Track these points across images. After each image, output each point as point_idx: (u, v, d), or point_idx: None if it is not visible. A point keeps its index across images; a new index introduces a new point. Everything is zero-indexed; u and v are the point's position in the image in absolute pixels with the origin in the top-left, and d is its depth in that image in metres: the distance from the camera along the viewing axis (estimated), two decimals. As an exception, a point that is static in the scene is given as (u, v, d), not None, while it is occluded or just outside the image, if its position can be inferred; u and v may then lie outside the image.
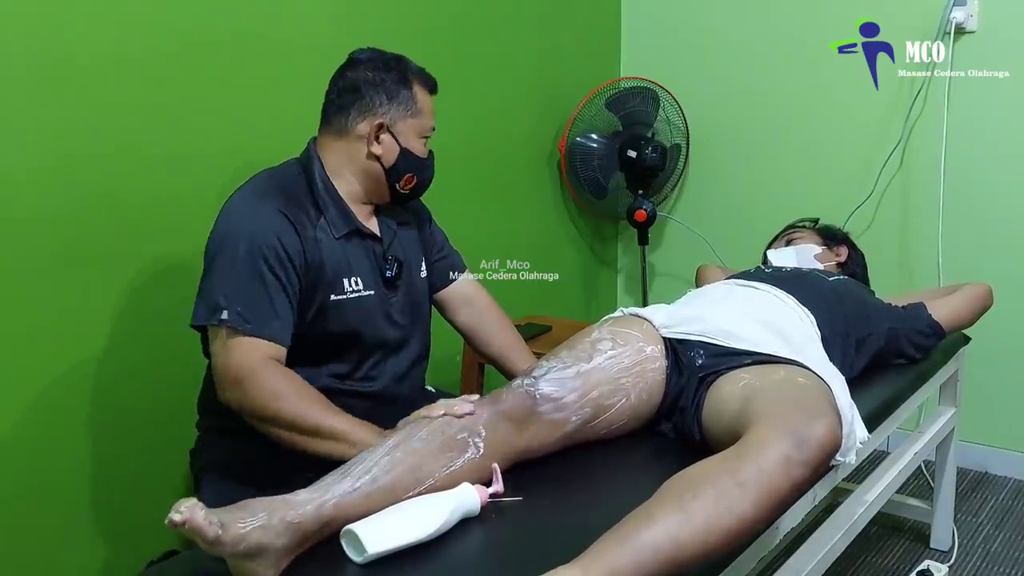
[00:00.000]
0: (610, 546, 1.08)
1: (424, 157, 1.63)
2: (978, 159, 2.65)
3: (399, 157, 1.59)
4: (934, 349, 1.97)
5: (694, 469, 1.20)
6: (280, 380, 1.43)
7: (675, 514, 1.11)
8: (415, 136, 1.60)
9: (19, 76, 1.62)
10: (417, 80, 1.60)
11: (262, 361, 1.43)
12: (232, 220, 1.52)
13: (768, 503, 1.15)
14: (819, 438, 1.19)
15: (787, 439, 1.19)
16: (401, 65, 1.60)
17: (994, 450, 2.76)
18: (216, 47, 1.93)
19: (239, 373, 1.42)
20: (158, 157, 1.84)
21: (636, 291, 3.22)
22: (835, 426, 1.24)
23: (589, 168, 2.93)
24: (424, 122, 1.61)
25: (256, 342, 1.43)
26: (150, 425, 1.87)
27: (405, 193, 1.64)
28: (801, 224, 2.32)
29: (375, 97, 1.57)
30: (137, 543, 1.83)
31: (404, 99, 1.58)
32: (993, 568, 2.25)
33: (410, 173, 1.61)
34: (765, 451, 1.18)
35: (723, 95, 3.06)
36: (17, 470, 1.68)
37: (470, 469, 1.32)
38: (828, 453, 1.21)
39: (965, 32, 2.59)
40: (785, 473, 1.16)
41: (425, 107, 1.61)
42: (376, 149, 1.58)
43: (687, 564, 1.10)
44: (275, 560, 1.12)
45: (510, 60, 2.75)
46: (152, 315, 1.86)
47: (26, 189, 1.64)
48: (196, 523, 1.04)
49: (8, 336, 1.64)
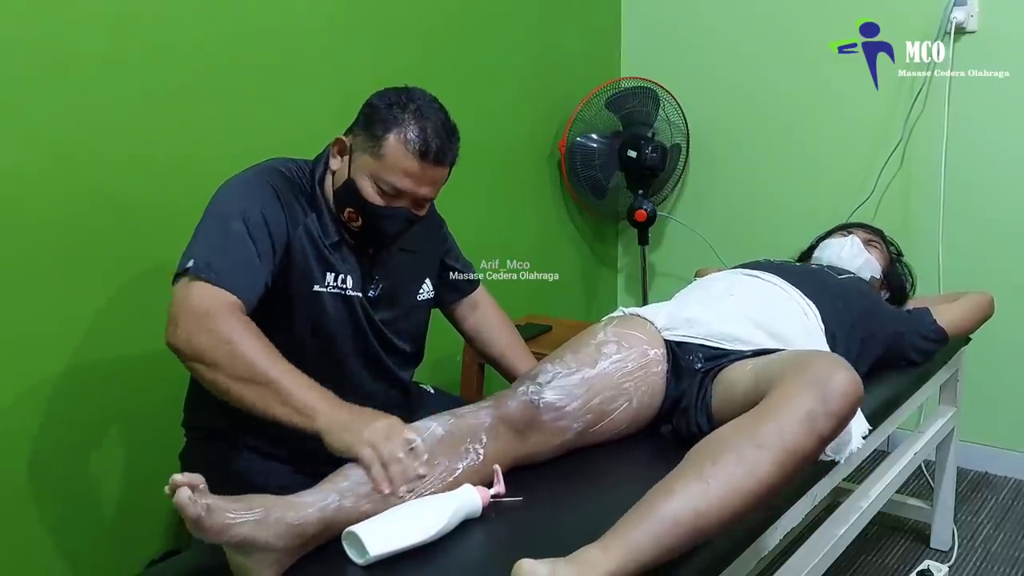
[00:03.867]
0: (630, 522, 1.08)
1: (373, 203, 1.48)
2: (978, 159, 2.65)
3: (343, 185, 1.51)
4: (935, 354, 1.97)
5: (714, 435, 1.18)
6: (238, 326, 1.34)
7: (694, 482, 1.10)
8: (367, 176, 1.48)
9: (19, 77, 1.62)
10: (399, 134, 1.45)
11: (223, 305, 1.35)
12: (224, 189, 1.50)
13: (792, 462, 1.13)
14: (842, 386, 1.17)
15: (808, 392, 1.16)
16: (399, 112, 1.47)
17: (994, 450, 2.76)
18: (216, 48, 1.93)
19: (196, 311, 1.34)
20: (158, 158, 1.84)
21: (636, 291, 3.22)
22: (855, 374, 1.21)
23: (589, 168, 2.93)
24: (381, 172, 1.47)
25: (219, 291, 1.37)
26: (150, 425, 1.86)
27: (354, 229, 1.52)
28: (876, 233, 2.24)
29: (359, 119, 1.52)
30: (137, 543, 1.83)
31: (373, 136, 1.47)
32: (993, 568, 2.25)
33: (352, 208, 1.50)
34: (785, 409, 1.16)
35: (723, 95, 3.06)
36: (16, 470, 1.68)
37: (470, 474, 1.32)
38: (852, 402, 1.18)
39: (965, 32, 2.59)
40: (809, 429, 1.14)
41: (391, 161, 1.46)
42: (333, 163, 1.53)
43: (709, 531, 1.10)
44: (274, 560, 1.12)
45: (510, 60, 2.75)
46: (152, 315, 1.86)
47: (26, 190, 1.64)
48: (179, 499, 1.04)
49: (8, 336, 1.64)
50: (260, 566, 1.11)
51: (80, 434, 1.77)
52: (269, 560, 1.11)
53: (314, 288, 1.51)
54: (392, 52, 2.34)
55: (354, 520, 1.18)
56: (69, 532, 1.77)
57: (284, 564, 1.14)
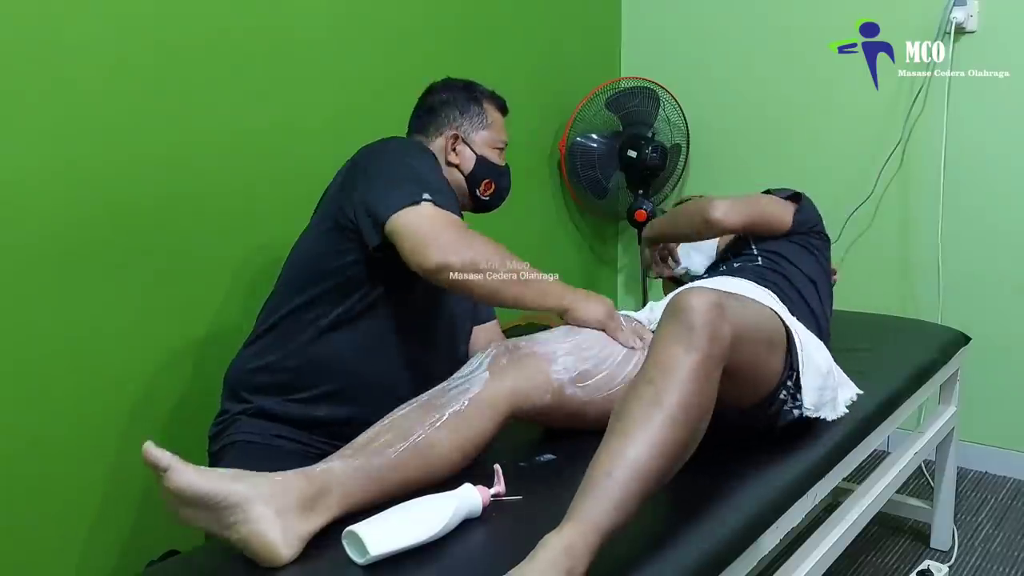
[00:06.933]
0: (575, 499, 1.11)
1: (501, 165, 1.80)
2: (978, 159, 2.65)
3: (476, 164, 1.76)
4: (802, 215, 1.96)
5: (618, 399, 1.23)
6: (488, 239, 1.53)
7: (611, 438, 1.14)
8: (489, 147, 1.78)
9: (19, 77, 1.62)
10: (487, 99, 1.80)
11: (463, 225, 1.52)
12: (405, 142, 1.69)
13: (685, 385, 1.16)
14: (694, 302, 1.21)
15: (669, 323, 1.22)
16: (471, 86, 1.80)
17: (994, 450, 2.76)
18: (218, 49, 1.93)
19: (460, 230, 1.49)
20: (158, 158, 1.84)
21: (636, 291, 3.22)
22: (705, 291, 1.25)
23: (589, 168, 2.94)
24: (496, 135, 1.79)
25: (453, 216, 1.52)
26: (150, 425, 1.87)
27: (486, 199, 1.79)
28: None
29: (449, 113, 1.75)
30: (137, 543, 1.83)
31: (475, 113, 1.77)
32: (993, 568, 2.25)
33: (488, 179, 1.78)
34: (657, 344, 1.22)
35: (723, 95, 3.06)
36: (17, 470, 1.68)
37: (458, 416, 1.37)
38: (704, 311, 1.21)
39: (965, 32, 2.59)
40: (683, 350, 1.18)
41: (496, 122, 1.80)
42: (453, 158, 1.74)
43: (652, 469, 1.12)
44: (271, 516, 1.14)
45: (510, 60, 2.75)
46: (152, 315, 1.86)
47: (26, 190, 1.64)
48: (149, 451, 1.13)
49: (9, 336, 1.64)
50: (259, 523, 1.13)
51: (80, 434, 1.77)
52: (266, 515, 1.14)
53: None
54: (393, 52, 2.34)
55: (343, 481, 1.22)
56: (69, 532, 1.77)
57: (294, 528, 1.16)
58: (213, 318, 1.96)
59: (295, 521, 1.16)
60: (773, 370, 1.43)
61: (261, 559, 1.14)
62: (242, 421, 1.63)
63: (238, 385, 1.65)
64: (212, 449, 1.66)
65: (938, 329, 2.34)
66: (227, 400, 1.67)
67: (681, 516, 1.25)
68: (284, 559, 1.14)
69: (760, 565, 1.44)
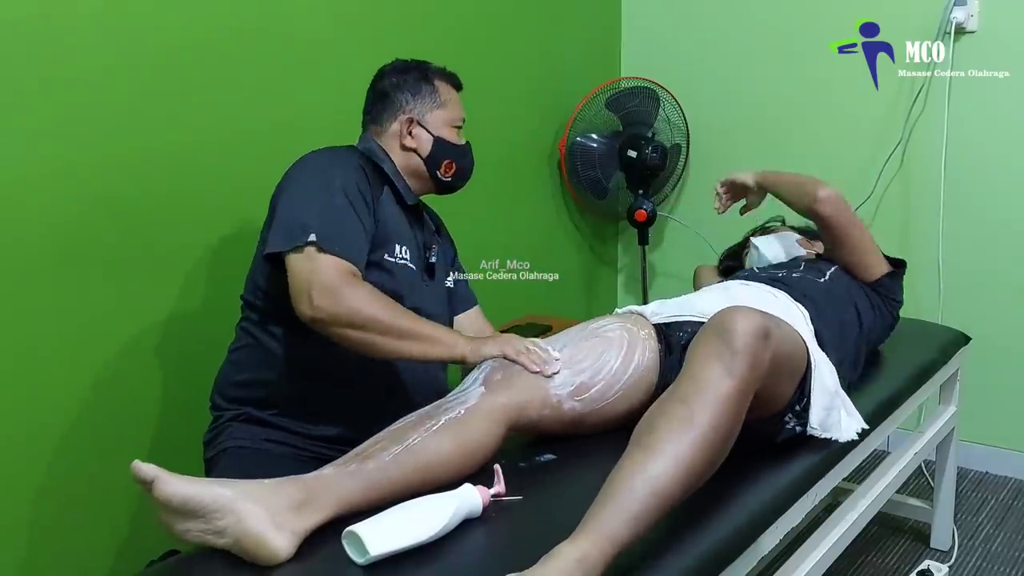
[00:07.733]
0: (592, 510, 1.10)
1: (460, 144, 1.74)
2: (978, 159, 2.65)
3: (434, 146, 1.70)
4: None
5: (648, 410, 1.22)
6: (369, 290, 1.50)
7: (637, 452, 1.14)
8: (446, 126, 1.72)
9: (18, 77, 1.62)
10: (438, 77, 1.74)
11: (350, 275, 1.49)
12: (311, 161, 1.62)
13: (718, 407, 1.16)
14: (739, 324, 1.21)
15: (713, 341, 1.21)
16: (422, 66, 1.74)
17: (994, 450, 2.76)
18: (217, 47, 1.93)
19: (333, 283, 1.46)
20: (158, 158, 1.84)
21: (636, 291, 3.22)
22: (754, 314, 1.24)
23: (589, 168, 2.93)
24: (451, 113, 1.73)
25: (340, 260, 1.49)
26: (150, 424, 1.87)
27: (448, 180, 1.74)
28: (772, 221, 2.34)
29: (401, 97, 1.70)
30: (137, 543, 1.83)
31: (427, 93, 1.71)
32: (993, 568, 2.25)
33: (448, 159, 1.72)
34: (697, 362, 1.21)
35: (723, 95, 3.06)
36: (17, 470, 1.68)
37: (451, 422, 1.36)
38: (753, 335, 1.21)
39: (965, 32, 2.59)
40: (721, 372, 1.18)
41: (450, 99, 1.74)
42: (409, 142, 1.70)
43: (669, 490, 1.11)
44: (265, 517, 1.13)
45: (510, 60, 2.75)
46: (152, 315, 1.86)
47: (25, 190, 1.64)
48: (137, 468, 1.12)
49: (6, 334, 1.64)
50: (250, 520, 1.12)
51: (79, 433, 1.77)
52: (256, 512, 1.13)
53: (385, 257, 1.63)
54: (393, 52, 2.32)
55: (338, 487, 1.22)
56: (69, 532, 1.77)
57: (288, 524, 1.15)
58: (213, 318, 1.95)
59: (288, 518, 1.16)
60: (785, 394, 1.44)
61: (258, 557, 1.13)
62: (233, 427, 1.63)
63: (225, 392, 1.66)
64: (207, 456, 1.66)
65: (938, 329, 2.34)
66: (217, 406, 1.68)
67: (681, 516, 1.25)
68: (281, 554, 1.13)
69: (760, 565, 1.44)
